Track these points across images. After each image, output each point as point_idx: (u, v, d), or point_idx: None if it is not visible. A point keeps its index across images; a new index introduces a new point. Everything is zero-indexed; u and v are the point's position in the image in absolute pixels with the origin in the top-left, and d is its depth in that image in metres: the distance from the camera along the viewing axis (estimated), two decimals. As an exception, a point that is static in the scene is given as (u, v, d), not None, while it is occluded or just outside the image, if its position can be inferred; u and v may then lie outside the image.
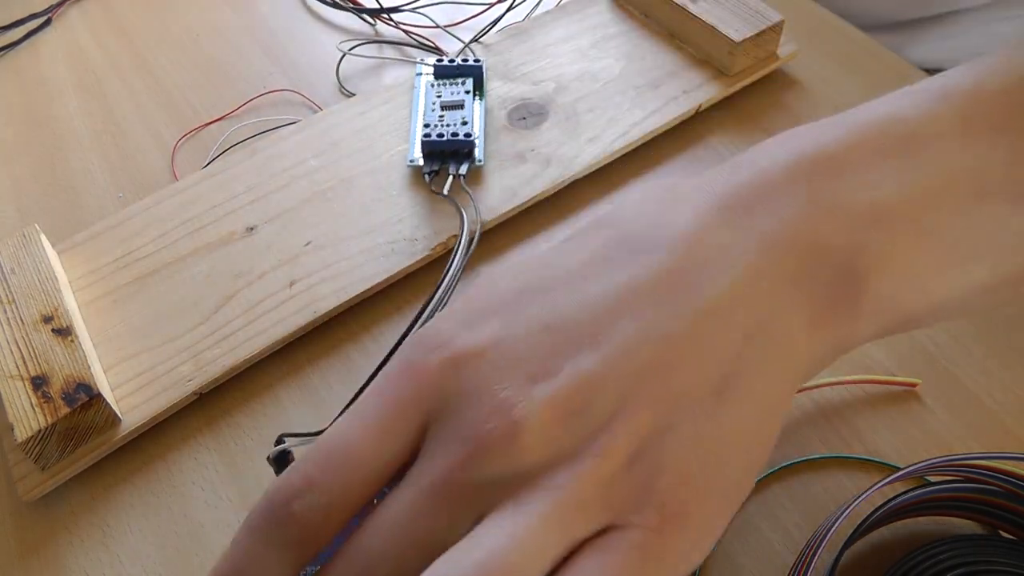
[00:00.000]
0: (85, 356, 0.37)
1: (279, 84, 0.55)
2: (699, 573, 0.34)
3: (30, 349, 0.37)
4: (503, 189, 0.45)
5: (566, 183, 0.46)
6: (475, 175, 0.46)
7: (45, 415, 0.35)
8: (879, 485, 0.31)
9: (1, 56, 0.58)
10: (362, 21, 0.58)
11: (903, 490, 0.32)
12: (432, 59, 0.50)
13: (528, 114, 0.49)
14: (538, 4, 0.56)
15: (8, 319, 0.38)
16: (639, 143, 0.48)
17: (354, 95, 0.52)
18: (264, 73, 0.56)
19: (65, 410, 0.35)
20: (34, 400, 0.36)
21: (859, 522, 0.31)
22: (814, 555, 0.30)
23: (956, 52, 0.66)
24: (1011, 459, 0.31)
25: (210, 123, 0.52)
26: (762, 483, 0.37)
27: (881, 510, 0.31)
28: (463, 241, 0.40)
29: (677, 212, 0.27)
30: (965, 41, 0.66)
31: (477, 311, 0.27)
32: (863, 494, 0.31)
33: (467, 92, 0.48)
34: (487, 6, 0.56)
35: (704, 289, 0.25)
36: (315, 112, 0.52)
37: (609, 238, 0.27)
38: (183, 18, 0.60)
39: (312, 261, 0.43)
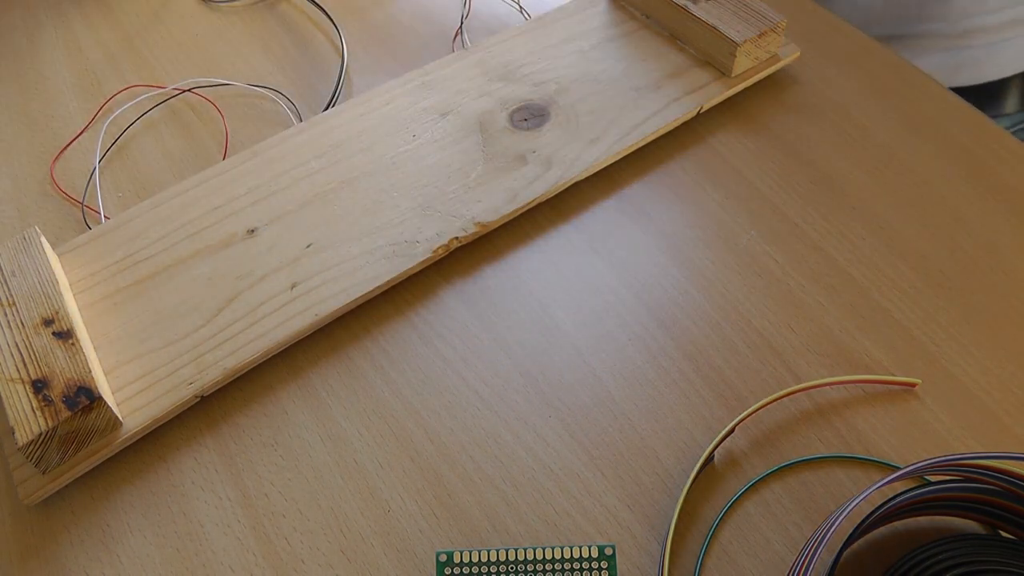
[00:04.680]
0: (86, 359, 0.37)
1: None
2: (699, 572, 0.34)
3: (31, 352, 0.37)
4: (504, 190, 0.45)
5: (567, 185, 0.46)
6: (477, 178, 0.46)
7: (46, 419, 0.35)
8: (879, 485, 0.31)
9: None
10: None
11: (903, 490, 0.32)
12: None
13: (529, 115, 0.49)
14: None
15: (9, 322, 0.38)
16: (641, 144, 0.48)
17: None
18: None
19: (66, 413, 0.35)
20: (35, 403, 0.36)
21: (859, 522, 0.31)
22: (814, 555, 0.30)
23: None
24: (1011, 459, 0.31)
25: (77, 136, 0.53)
26: (762, 483, 0.37)
27: (881, 510, 0.31)
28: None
29: None
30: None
31: None
32: (863, 494, 0.31)
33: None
34: None
35: None
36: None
37: None
38: (189, 23, 0.60)
39: (313, 263, 0.43)
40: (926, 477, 0.34)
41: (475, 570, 0.34)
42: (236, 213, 0.45)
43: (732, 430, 0.37)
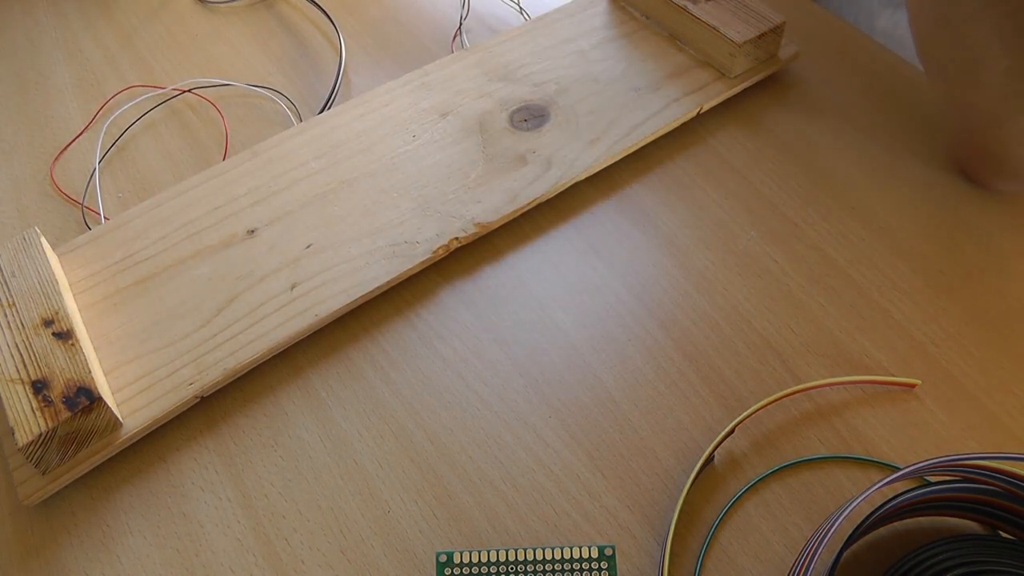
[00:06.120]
0: (86, 359, 0.37)
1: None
2: (699, 573, 0.34)
3: (31, 353, 0.37)
4: (504, 191, 0.45)
5: (567, 185, 0.46)
6: (476, 178, 0.46)
7: (46, 419, 0.35)
8: (879, 485, 0.31)
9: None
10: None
11: (903, 490, 0.32)
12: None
13: (529, 116, 0.49)
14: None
15: (9, 323, 0.38)
16: (640, 144, 0.48)
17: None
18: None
19: (66, 414, 0.35)
20: (35, 404, 0.36)
21: (859, 522, 0.31)
22: (814, 555, 0.30)
23: None
24: (1010, 459, 0.31)
25: (77, 137, 0.53)
26: (762, 483, 0.36)
27: (881, 510, 0.31)
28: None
29: None
30: None
31: None
32: (863, 494, 0.31)
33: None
34: None
35: None
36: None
37: None
38: (188, 23, 0.60)
39: (313, 264, 0.43)
40: (926, 478, 0.34)
41: (475, 570, 0.34)
42: (236, 213, 0.45)
43: (732, 431, 0.37)
